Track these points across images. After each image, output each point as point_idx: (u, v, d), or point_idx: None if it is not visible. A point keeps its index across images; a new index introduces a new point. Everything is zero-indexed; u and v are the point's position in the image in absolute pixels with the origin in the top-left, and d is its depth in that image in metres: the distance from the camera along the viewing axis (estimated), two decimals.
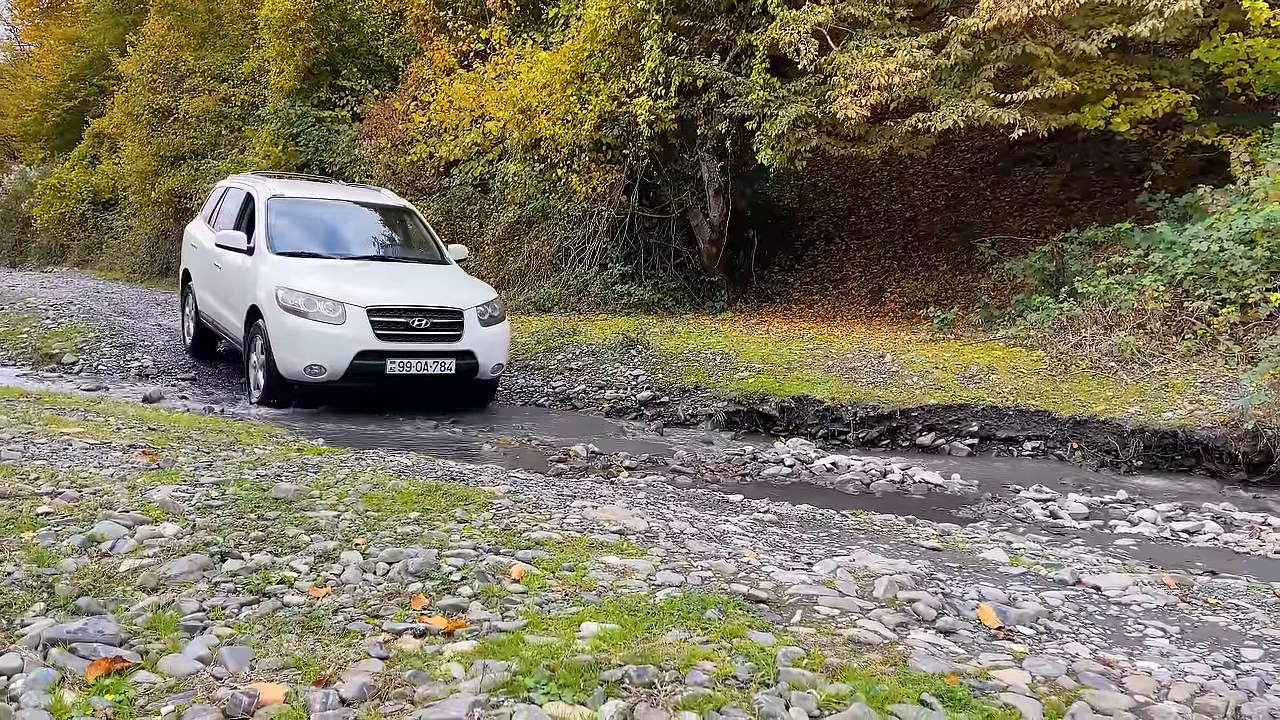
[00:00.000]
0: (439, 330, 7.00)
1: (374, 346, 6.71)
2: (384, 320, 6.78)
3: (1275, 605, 2.71)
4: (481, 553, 2.63)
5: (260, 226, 7.59)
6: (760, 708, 1.80)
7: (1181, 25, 8.31)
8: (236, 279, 7.60)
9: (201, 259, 8.70)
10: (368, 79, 14.55)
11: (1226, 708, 1.86)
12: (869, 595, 2.47)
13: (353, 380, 6.76)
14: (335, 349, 6.66)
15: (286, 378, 6.79)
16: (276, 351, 6.76)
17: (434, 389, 7.36)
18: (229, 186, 9.17)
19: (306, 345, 6.67)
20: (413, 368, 6.87)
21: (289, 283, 6.87)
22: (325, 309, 6.73)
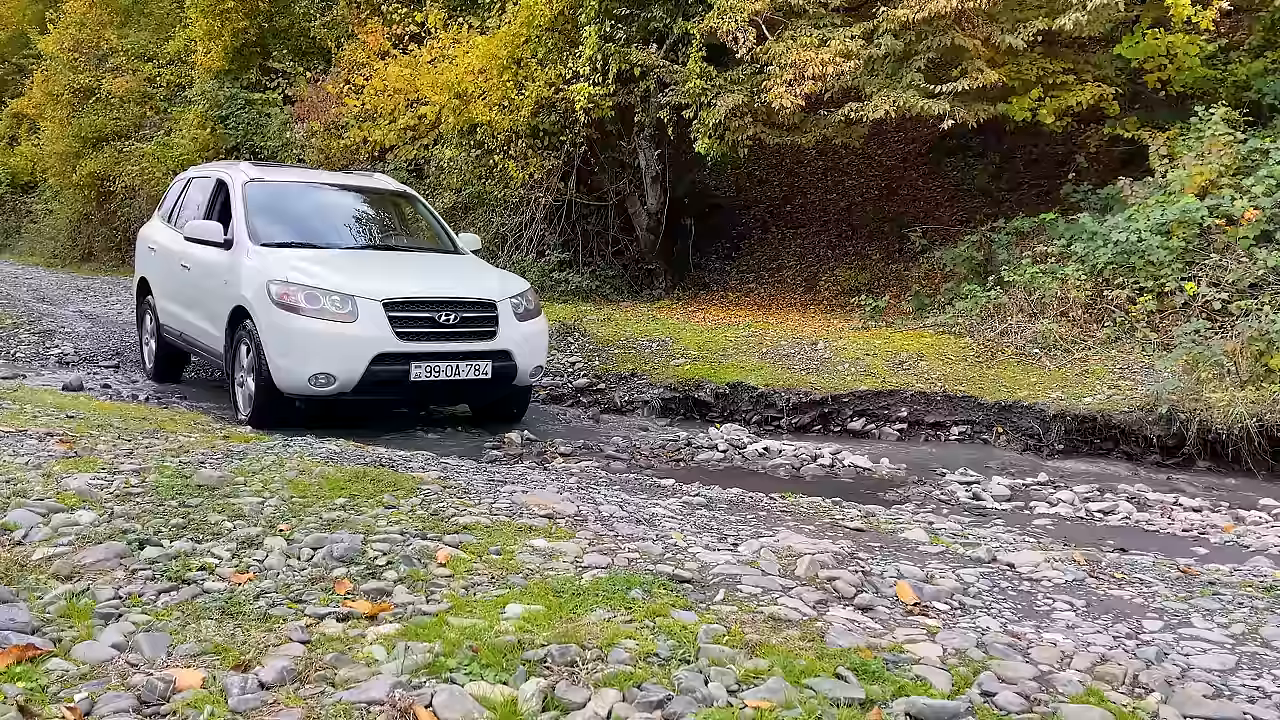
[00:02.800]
0: (470, 326, 5.81)
1: (394, 348, 5.49)
2: (405, 316, 5.56)
3: (1178, 580, 2.83)
4: (408, 538, 2.63)
5: (239, 215, 6.37)
6: (680, 683, 1.83)
7: (1104, 20, 8.54)
8: (212, 279, 6.37)
9: (164, 263, 7.40)
10: (299, 61, 14.26)
11: (1125, 675, 1.94)
12: (791, 574, 2.52)
13: (369, 391, 5.57)
14: (346, 353, 5.46)
15: (287, 392, 5.55)
16: (272, 360, 5.51)
17: (466, 399, 6.31)
18: (192, 177, 7.88)
19: (310, 350, 5.46)
20: (441, 372, 5.61)
21: (284, 274, 5.68)
22: (332, 304, 5.52)
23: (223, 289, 6.18)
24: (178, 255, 7.04)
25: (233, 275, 6.09)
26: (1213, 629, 2.32)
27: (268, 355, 5.55)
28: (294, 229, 6.54)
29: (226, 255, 6.25)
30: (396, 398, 5.95)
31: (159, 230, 7.83)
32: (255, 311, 5.69)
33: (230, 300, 6.03)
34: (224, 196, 6.76)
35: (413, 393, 5.75)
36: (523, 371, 6.02)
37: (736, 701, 1.79)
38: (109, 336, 9.11)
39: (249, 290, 5.80)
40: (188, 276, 6.89)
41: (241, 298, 5.88)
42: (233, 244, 6.22)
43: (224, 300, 6.12)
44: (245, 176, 6.71)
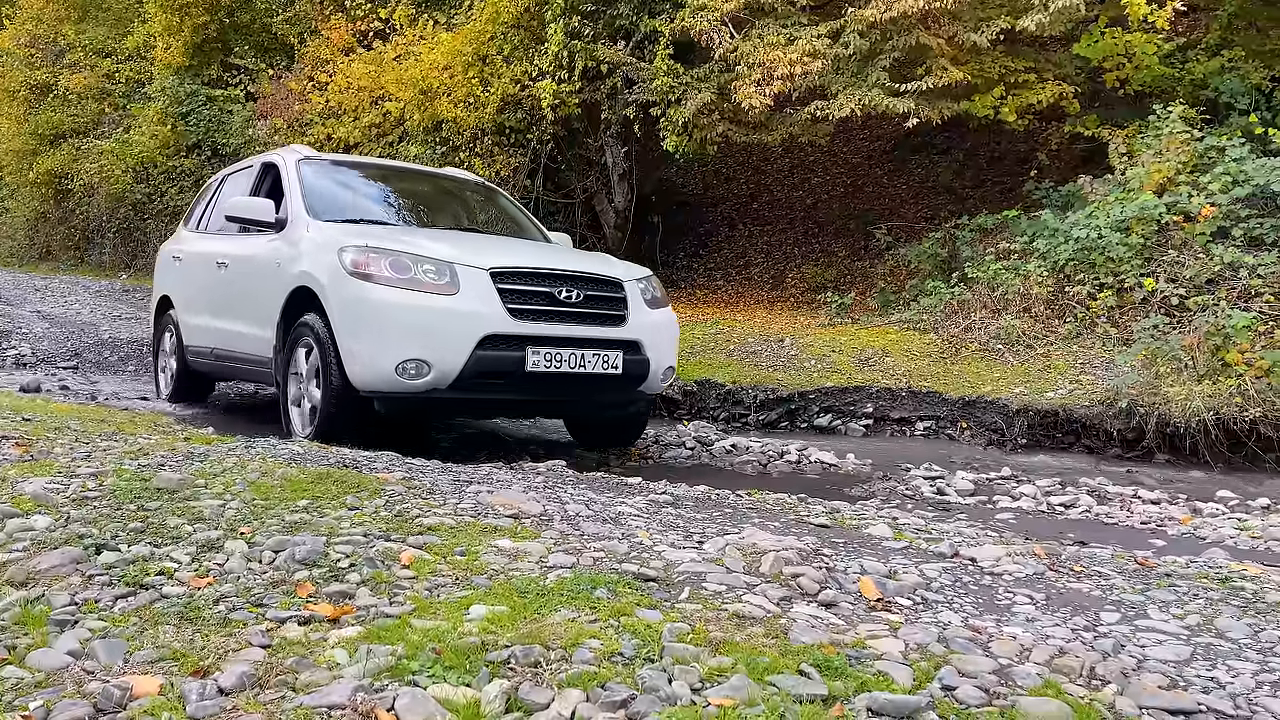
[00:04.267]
0: (596, 307, 4.84)
1: (506, 329, 4.50)
2: (518, 289, 4.60)
3: (1135, 572, 2.88)
4: (372, 539, 2.61)
5: (294, 192, 5.43)
6: (643, 682, 1.83)
7: (1065, 20, 8.66)
8: (258, 269, 5.44)
9: (192, 272, 6.60)
10: (262, 57, 14.11)
11: (1082, 667, 1.97)
12: (756, 571, 2.53)
13: (471, 387, 4.49)
14: (446, 334, 4.42)
15: (365, 390, 4.49)
16: (347, 348, 4.50)
17: (585, 403, 5.14)
18: (226, 175, 7.04)
19: (398, 330, 4.41)
20: (564, 362, 4.59)
21: (362, 239, 4.73)
22: (426, 272, 4.52)
23: (274, 275, 5.21)
24: (211, 256, 6.23)
25: (289, 255, 5.12)
26: (1168, 620, 2.36)
27: (340, 343, 4.52)
28: (360, 209, 5.64)
29: (278, 237, 5.34)
30: (507, 396, 4.73)
31: (185, 239, 7.14)
32: (323, 288, 4.66)
33: (285, 286, 5.03)
34: (272, 180, 5.93)
35: (527, 388, 4.63)
36: (655, 370, 5.03)
37: (700, 700, 1.79)
38: (67, 337, 8.96)
39: (314, 263, 4.81)
40: (224, 276, 6.01)
41: (304, 276, 4.87)
42: (286, 223, 5.30)
43: (275, 290, 5.14)
44: (299, 155, 5.90)
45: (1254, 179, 7.30)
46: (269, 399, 7.15)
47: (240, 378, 6.24)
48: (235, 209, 5.50)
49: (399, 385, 4.46)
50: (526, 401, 4.91)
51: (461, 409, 5.20)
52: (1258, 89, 9.02)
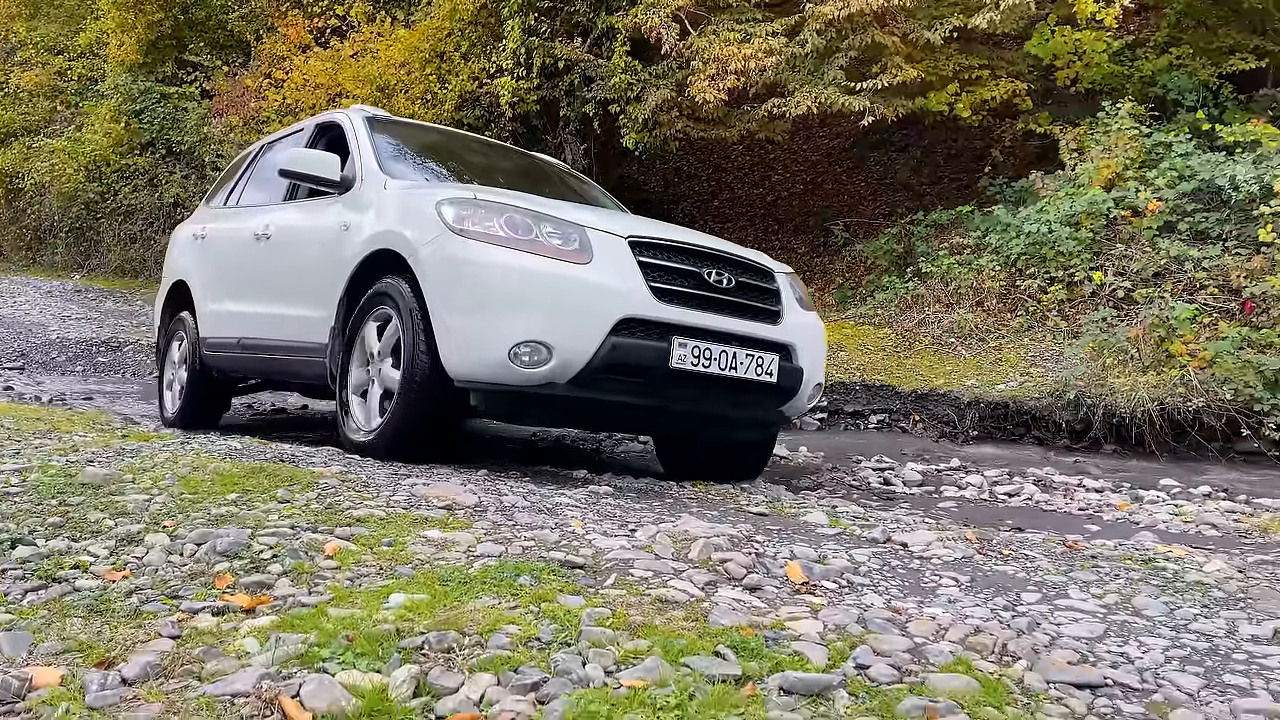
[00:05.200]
0: (748, 298, 4.02)
1: (650, 312, 3.66)
2: (662, 265, 3.78)
3: (1062, 554, 2.91)
4: (299, 531, 2.58)
5: (365, 150, 4.63)
6: (557, 665, 1.82)
7: (1016, 18, 8.76)
8: (318, 235, 4.55)
9: (221, 249, 5.72)
10: (217, 55, 13.94)
11: (995, 644, 1.99)
12: (684, 558, 2.54)
13: (597, 384, 3.63)
14: (577, 310, 3.57)
15: (459, 379, 3.64)
16: (444, 321, 3.63)
17: (729, 417, 4.13)
18: (265, 144, 6.18)
19: (518, 302, 3.56)
20: (715, 360, 3.75)
21: (466, 192, 3.92)
22: (551, 234, 3.71)
23: (337, 242, 4.34)
24: (247, 230, 5.36)
25: (359, 217, 4.28)
26: (1087, 599, 2.39)
27: (435, 317, 3.64)
28: (437, 175, 4.85)
29: (340, 199, 4.52)
30: (638, 400, 3.75)
31: (211, 216, 6.26)
32: (414, 249, 3.79)
33: (354, 253, 4.16)
34: (327, 143, 5.15)
35: (664, 390, 3.74)
36: (806, 384, 4.18)
37: (612, 681, 1.79)
38: (15, 338, 8.80)
39: (401, 219, 3.99)
40: (264, 251, 5.10)
41: (384, 237, 4.02)
42: (354, 183, 4.49)
43: (340, 259, 4.27)
44: (365, 112, 5.13)
45: (1199, 174, 7.42)
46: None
47: (270, 373, 5.23)
48: (293, 162, 4.56)
49: (509, 375, 3.53)
50: (656, 410, 3.87)
51: (574, 414, 4.11)
52: (1205, 86, 9.18)
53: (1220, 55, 9.33)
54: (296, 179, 4.71)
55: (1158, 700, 1.79)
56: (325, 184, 4.58)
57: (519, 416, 4.24)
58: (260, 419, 7.06)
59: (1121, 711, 1.74)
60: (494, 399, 3.71)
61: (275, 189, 5.38)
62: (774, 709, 1.71)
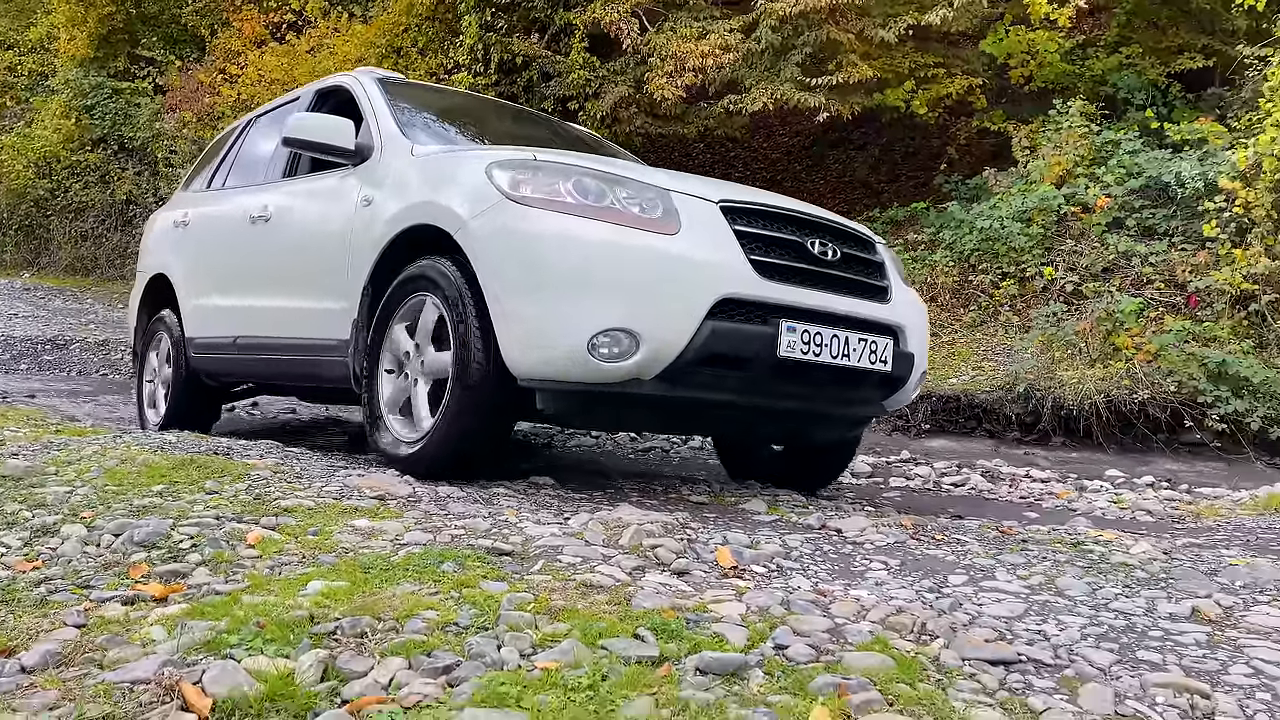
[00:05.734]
0: (855, 272, 3.46)
1: (753, 290, 3.10)
2: (761, 235, 3.21)
3: (994, 539, 2.93)
4: (223, 521, 2.53)
5: (379, 113, 4.05)
6: (471, 649, 1.80)
7: (970, 16, 8.85)
8: (332, 213, 3.95)
9: (209, 235, 5.12)
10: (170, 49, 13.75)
11: (914, 624, 1.99)
12: (615, 544, 2.52)
13: (690, 380, 3.06)
14: (666, 290, 2.98)
15: (524, 377, 3.08)
16: (505, 307, 3.06)
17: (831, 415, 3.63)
18: (253, 118, 5.57)
19: (596, 282, 2.97)
20: (825, 347, 3.19)
21: (522, 153, 3.32)
22: (627, 199, 3.10)
23: (356, 220, 3.75)
24: (240, 212, 4.74)
25: (384, 190, 3.67)
26: (1012, 581, 2.41)
27: (494, 303, 3.06)
28: (466, 142, 4.25)
29: (355, 172, 3.93)
30: (738, 399, 3.19)
31: (194, 199, 5.63)
32: (463, 223, 3.18)
33: (381, 232, 3.57)
34: (331, 109, 4.50)
35: (770, 385, 3.19)
36: (915, 372, 3.68)
37: (527, 664, 1.77)
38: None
39: (441, 189, 3.39)
40: (263, 235, 4.47)
41: (421, 210, 3.43)
42: (371, 152, 3.91)
43: (362, 240, 3.68)
44: (374, 74, 4.54)
45: (1147, 171, 7.53)
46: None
47: (275, 377, 4.59)
48: (299, 129, 3.89)
49: (586, 370, 2.95)
50: (756, 409, 3.29)
51: (658, 416, 3.47)
52: (1154, 85, 9.32)
53: (1169, 55, 9.48)
54: (302, 149, 4.08)
55: (1069, 675, 1.80)
56: (337, 154, 3.94)
57: (591, 419, 3.68)
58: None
59: (1033, 686, 1.75)
60: (565, 400, 3.10)
61: (270, 166, 4.84)
62: (687, 688, 1.69)
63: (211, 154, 5.97)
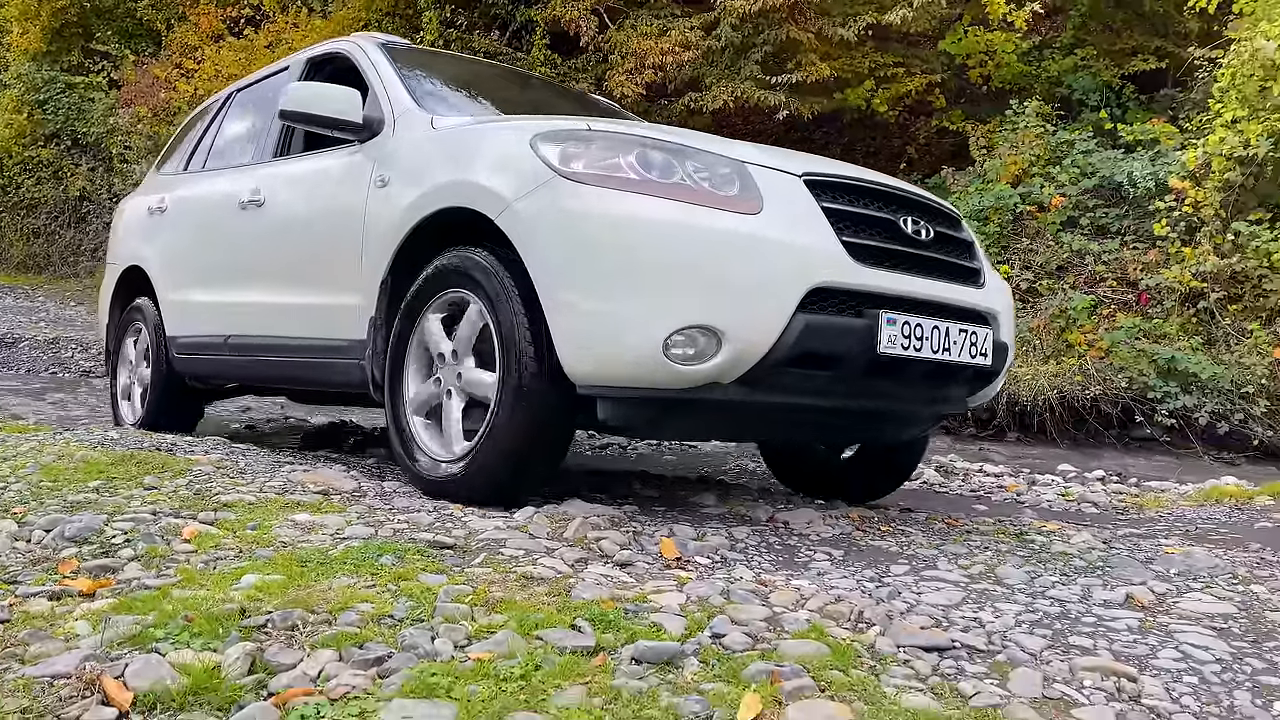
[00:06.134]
0: (948, 254, 3.08)
1: (848, 278, 2.71)
2: (850, 212, 2.82)
3: (939, 530, 2.95)
4: (160, 516, 2.49)
5: (387, 82, 3.64)
6: (404, 641, 1.78)
7: (929, 16, 8.93)
8: (341, 195, 3.53)
9: (191, 222, 4.66)
10: (126, 43, 13.53)
11: (851, 612, 2.00)
12: (559, 537, 2.51)
13: (776, 383, 2.68)
14: (754, 280, 2.59)
15: (584, 384, 2.68)
16: (563, 304, 2.65)
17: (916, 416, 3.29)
18: (234, 91, 5.06)
19: (669, 272, 2.58)
20: (926, 341, 2.80)
21: (574, 122, 2.94)
22: (700, 173, 2.70)
23: (371, 204, 3.33)
24: (227, 195, 4.28)
25: (404, 168, 3.27)
26: (953, 570, 2.43)
27: (550, 298, 2.66)
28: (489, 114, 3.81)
29: (364, 149, 3.51)
30: (824, 401, 2.84)
31: (168, 183, 5.12)
32: (506, 204, 2.77)
33: (401, 219, 3.16)
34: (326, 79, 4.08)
35: (864, 387, 2.84)
36: (1007, 363, 3.31)
37: (460, 655, 1.75)
38: None
39: (478, 166, 2.96)
40: (256, 221, 4.03)
41: (454, 191, 3.00)
42: (381, 125, 3.49)
43: (378, 227, 3.27)
44: (377, 39, 4.08)
45: (1100, 171, 7.65)
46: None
47: (276, 380, 4.21)
48: (298, 100, 3.47)
49: (660, 374, 2.56)
50: (844, 412, 2.97)
51: (734, 425, 3.09)
52: (1108, 86, 9.47)
53: (1123, 57, 9.63)
54: (302, 123, 3.61)
55: (1001, 660, 1.82)
56: (344, 128, 3.51)
57: (658, 429, 3.25)
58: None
59: (965, 671, 1.76)
60: (631, 409, 2.71)
61: (258, 144, 4.40)
62: (621, 677, 1.69)
63: (188, 131, 5.45)
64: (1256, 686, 1.80)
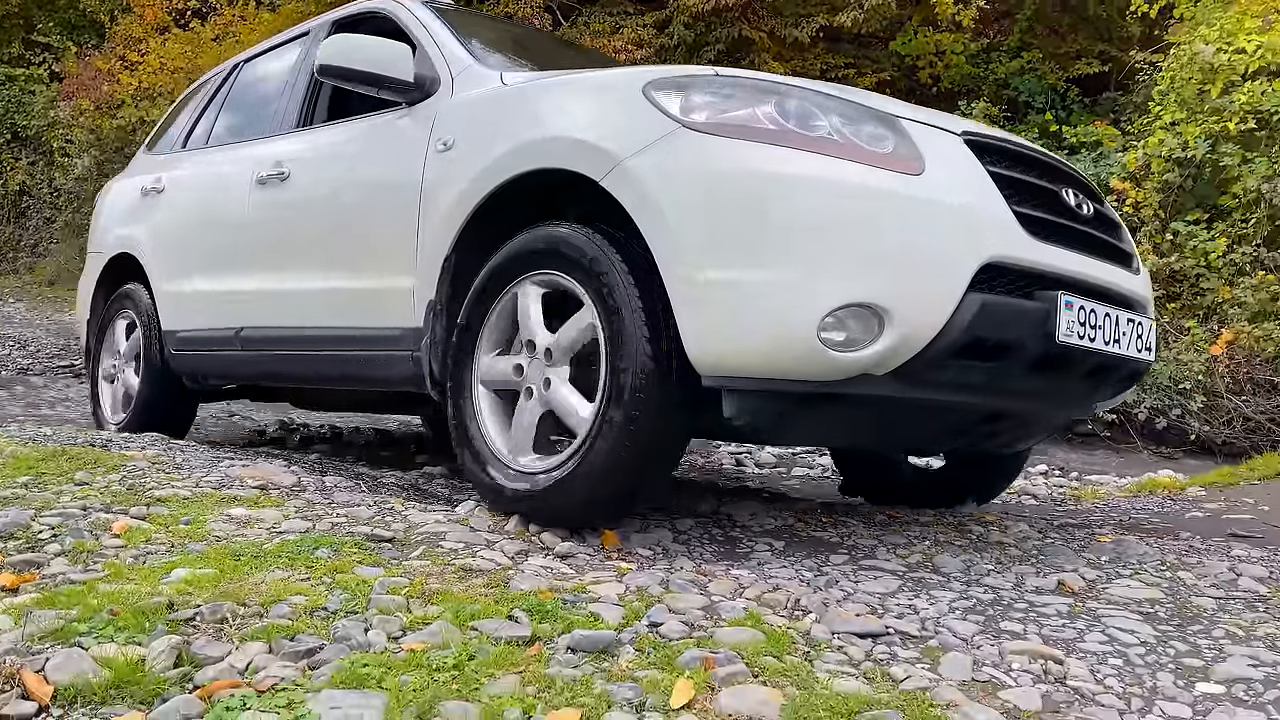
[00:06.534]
0: (1107, 233, 2.74)
1: (1025, 253, 2.36)
2: (1017, 179, 2.47)
3: (881, 521, 2.99)
4: (91, 512, 2.43)
5: (438, 38, 3.27)
6: (337, 633, 1.76)
7: (880, 17, 9.04)
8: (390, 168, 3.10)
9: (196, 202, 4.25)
10: (68, 35, 13.21)
11: (788, 600, 2.02)
12: (500, 530, 2.50)
13: (937, 377, 2.28)
14: (922, 250, 2.21)
15: (711, 374, 2.24)
16: (695, 278, 2.21)
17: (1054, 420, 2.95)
18: (244, 60, 4.69)
19: (824, 240, 2.16)
20: (1099, 330, 2.44)
21: (697, 69, 2.53)
22: (850, 125, 2.31)
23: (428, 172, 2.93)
24: (240, 171, 3.87)
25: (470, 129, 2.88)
26: (891, 560, 2.46)
27: (674, 273, 2.25)
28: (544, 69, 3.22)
29: (418, 111, 3.10)
30: (982, 399, 2.50)
31: (163, 162, 4.70)
32: (618, 164, 2.36)
33: (471, 188, 2.74)
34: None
35: (1024, 384, 2.49)
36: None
37: (394, 646, 1.74)
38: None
39: (577, 123, 2.56)
40: (279, 198, 3.62)
41: (542, 153, 2.60)
42: (435, 86, 3.10)
43: (440, 198, 2.85)
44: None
45: None
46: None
47: (292, 379, 3.80)
48: (340, 54, 3.07)
49: (811, 363, 2.16)
50: (998, 416, 2.66)
51: (875, 427, 2.64)
52: (1053, 89, 9.65)
53: (1068, 60, 9.82)
54: (344, 80, 3.14)
55: (933, 645, 1.84)
56: (391, 86, 3.11)
57: (789, 430, 2.63)
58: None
59: (897, 656, 1.79)
60: (764, 404, 2.27)
61: (276, 114, 3.99)
62: (555, 666, 1.68)
63: (183, 107, 5.02)
64: (1179, 668, 1.84)
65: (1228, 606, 2.24)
